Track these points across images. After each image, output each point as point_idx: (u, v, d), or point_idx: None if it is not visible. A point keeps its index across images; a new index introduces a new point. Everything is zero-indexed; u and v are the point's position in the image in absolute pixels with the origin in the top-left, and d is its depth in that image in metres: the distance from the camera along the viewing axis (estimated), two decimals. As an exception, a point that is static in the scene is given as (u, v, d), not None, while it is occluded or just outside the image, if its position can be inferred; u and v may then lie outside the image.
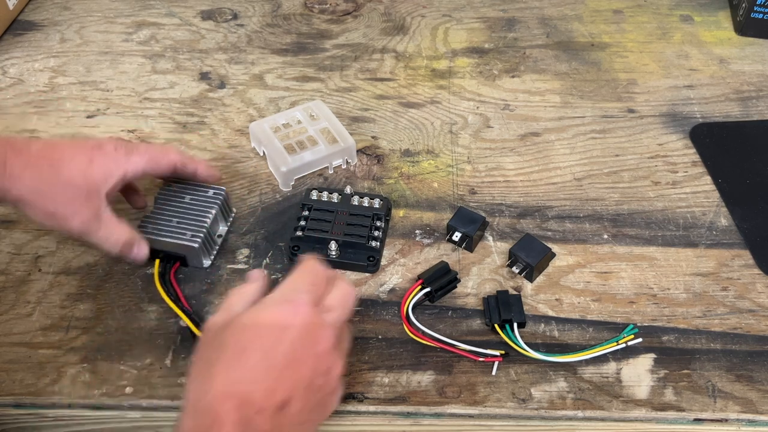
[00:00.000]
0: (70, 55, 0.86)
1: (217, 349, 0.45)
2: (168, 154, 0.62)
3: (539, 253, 0.62)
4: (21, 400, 0.56)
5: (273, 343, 0.45)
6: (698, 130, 0.77)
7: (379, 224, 0.65)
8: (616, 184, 0.72)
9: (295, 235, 0.64)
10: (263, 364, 0.44)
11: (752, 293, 0.62)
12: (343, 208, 0.66)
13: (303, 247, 0.64)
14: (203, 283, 0.63)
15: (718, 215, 0.69)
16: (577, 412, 0.55)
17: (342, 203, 0.66)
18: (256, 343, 0.45)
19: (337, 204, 0.66)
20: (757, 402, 0.55)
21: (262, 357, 0.45)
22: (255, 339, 0.45)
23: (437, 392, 0.56)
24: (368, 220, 0.65)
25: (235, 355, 0.45)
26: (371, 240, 0.64)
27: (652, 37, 0.90)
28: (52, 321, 0.60)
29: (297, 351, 0.45)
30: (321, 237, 0.63)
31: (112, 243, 0.59)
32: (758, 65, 0.85)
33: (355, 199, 0.66)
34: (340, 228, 0.64)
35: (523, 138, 0.76)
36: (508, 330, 0.58)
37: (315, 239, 0.64)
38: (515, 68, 0.85)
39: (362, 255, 0.64)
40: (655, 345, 0.59)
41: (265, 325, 0.46)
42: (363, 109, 0.80)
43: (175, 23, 0.91)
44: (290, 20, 0.92)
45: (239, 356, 0.44)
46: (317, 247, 0.63)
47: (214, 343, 0.46)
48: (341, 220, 0.65)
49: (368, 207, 0.66)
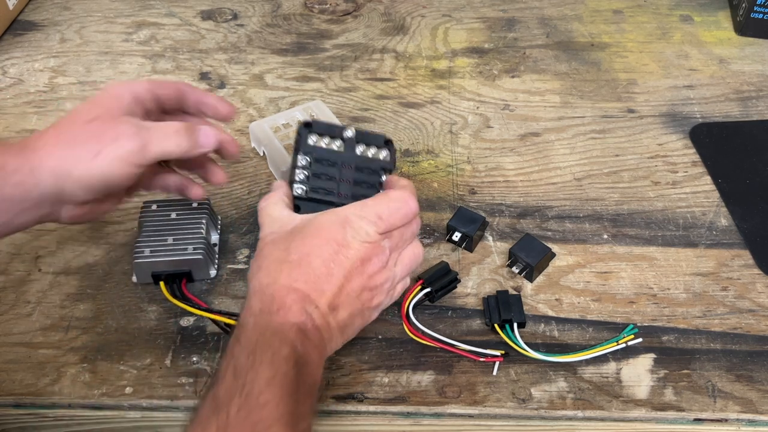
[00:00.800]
0: (70, 55, 0.86)
1: (284, 251, 0.51)
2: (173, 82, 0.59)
3: (539, 253, 0.62)
4: (21, 400, 0.56)
5: (332, 256, 0.51)
6: (698, 130, 0.77)
7: (386, 179, 0.59)
8: (616, 184, 0.72)
9: (296, 193, 0.57)
10: (322, 271, 0.50)
11: (752, 293, 0.62)
12: (348, 159, 0.58)
13: (304, 208, 0.57)
14: (203, 283, 0.63)
15: (718, 215, 0.69)
16: (577, 412, 0.55)
17: (346, 153, 0.58)
18: (317, 252, 0.50)
19: (340, 154, 0.58)
20: (757, 402, 0.55)
21: (322, 265, 0.50)
22: (317, 249, 0.51)
23: (437, 392, 0.56)
24: (376, 176, 0.58)
25: (298, 259, 0.50)
26: None
27: (652, 37, 0.90)
28: (52, 321, 0.60)
29: (351, 267, 0.51)
30: (327, 200, 0.57)
31: (171, 135, 0.53)
32: (758, 65, 0.85)
33: (360, 148, 0.58)
34: (347, 188, 0.58)
35: (523, 138, 0.76)
36: (508, 330, 0.58)
37: (319, 201, 0.57)
38: (515, 68, 0.85)
39: None
40: (655, 345, 0.59)
41: (327, 240, 0.51)
42: (363, 109, 0.80)
43: (175, 23, 0.91)
44: (290, 20, 0.92)
45: (301, 261, 0.50)
46: (322, 206, 0.56)
47: (280, 247, 0.52)
48: (347, 176, 0.58)
49: (375, 159, 0.58)
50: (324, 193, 0.58)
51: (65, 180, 0.50)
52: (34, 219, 0.53)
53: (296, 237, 0.52)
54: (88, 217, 0.56)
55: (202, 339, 0.59)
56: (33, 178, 0.50)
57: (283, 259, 0.51)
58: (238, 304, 0.61)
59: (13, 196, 0.50)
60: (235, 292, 0.62)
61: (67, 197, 0.52)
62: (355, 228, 0.51)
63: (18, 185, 0.50)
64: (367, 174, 0.58)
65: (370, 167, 0.58)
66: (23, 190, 0.50)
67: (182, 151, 0.54)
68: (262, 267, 0.51)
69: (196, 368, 0.57)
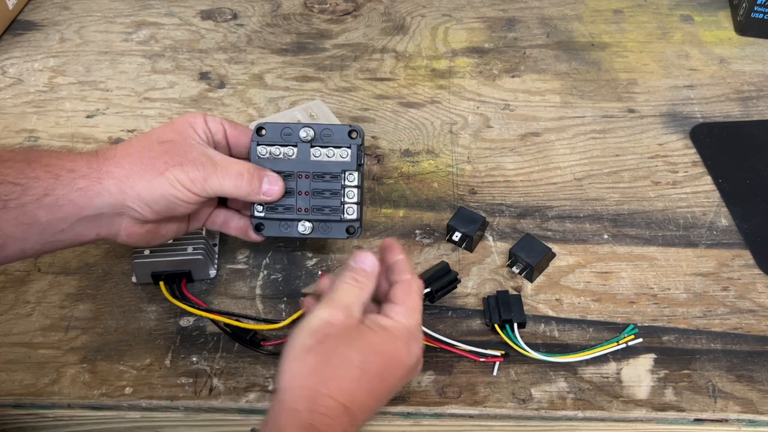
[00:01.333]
0: (70, 55, 0.86)
1: (340, 359, 0.47)
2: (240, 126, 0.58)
3: (539, 253, 0.62)
4: (21, 400, 0.55)
5: (383, 372, 0.47)
6: (698, 130, 0.77)
7: (351, 180, 0.56)
8: (617, 184, 0.72)
9: (255, 213, 0.56)
10: (372, 387, 0.47)
11: (752, 293, 0.62)
12: (303, 167, 0.56)
13: (268, 226, 0.56)
14: (203, 283, 0.63)
15: (718, 215, 0.69)
16: (577, 412, 0.55)
17: (300, 159, 0.56)
18: (374, 368, 0.47)
19: (294, 162, 0.56)
20: (758, 402, 0.55)
21: (377, 381, 0.47)
22: (375, 365, 0.47)
23: (437, 392, 0.56)
24: (337, 181, 0.56)
25: (358, 373, 0.46)
26: (346, 209, 0.56)
27: (653, 37, 0.90)
28: (52, 321, 0.60)
29: (396, 380, 0.49)
30: (285, 218, 0.56)
31: (233, 175, 0.53)
32: (758, 65, 0.85)
33: (317, 151, 0.56)
34: (305, 200, 0.56)
35: (523, 138, 0.76)
36: (508, 330, 0.58)
37: (279, 220, 0.56)
38: (515, 68, 0.85)
39: (340, 228, 0.57)
40: (655, 345, 0.59)
41: (388, 355, 0.48)
42: (363, 109, 0.80)
43: (175, 23, 0.91)
44: (290, 20, 0.92)
45: (361, 376, 0.46)
46: (284, 224, 0.56)
47: (337, 351, 0.47)
48: (304, 188, 0.56)
49: (334, 162, 0.56)
50: (283, 210, 0.56)
51: (127, 192, 0.51)
52: (92, 233, 0.52)
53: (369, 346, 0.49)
54: (147, 238, 0.55)
55: (202, 339, 0.59)
56: (98, 184, 0.51)
57: (334, 366, 0.47)
58: (237, 304, 0.61)
59: (76, 201, 0.50)
60: (235, 292, 0.62)
61: (127, 211, 0.52)
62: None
63: (83, 190, 0.50)
64: (327, 181, 0.56)
65: (331, 172, 0.56)
66: (87, 196, 0.50)
67: (241, 194, 0.54)
68: (304, 364, 0.47)
69: (195, 368, 0.57)
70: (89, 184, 0.50)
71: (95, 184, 0.50)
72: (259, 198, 0.55)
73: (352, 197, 0.57)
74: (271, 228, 0.57)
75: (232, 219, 0.59)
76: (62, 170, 0.50)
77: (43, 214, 0.50)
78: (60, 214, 0.50)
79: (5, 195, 0.49)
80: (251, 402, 0.55)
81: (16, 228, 0.49)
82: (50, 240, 0.51)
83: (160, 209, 0.52)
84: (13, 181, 0.49)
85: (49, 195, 0.50)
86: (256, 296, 0.62)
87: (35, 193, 0.49)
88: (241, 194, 0.54)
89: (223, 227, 0.60)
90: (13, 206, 0.49)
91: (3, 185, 0.49)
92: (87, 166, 0.51)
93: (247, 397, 0.55)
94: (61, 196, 0.50)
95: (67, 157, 0.51)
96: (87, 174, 0.51)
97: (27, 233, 0.50)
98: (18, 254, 0.51)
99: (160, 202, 0.51)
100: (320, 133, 0.56)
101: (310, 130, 0.56)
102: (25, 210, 0.49)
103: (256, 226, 0.57)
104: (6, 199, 0.49)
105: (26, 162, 0.50)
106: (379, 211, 0.69)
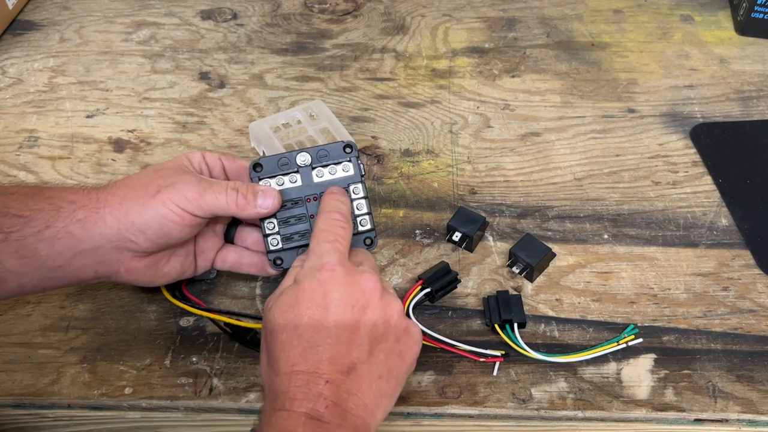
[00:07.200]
0: (70, 55, 0.86)
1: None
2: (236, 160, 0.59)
3: (539, 253, 0.62)
4: (21, 400, 0.55)
5: (321, 316, 0.48)
6: (698, 130, 0.77)
7: (357, 192, 0.57)
8: (617, 184, 0.72)
9: (270, 248, 0.56)
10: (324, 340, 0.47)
11: (753, 293, 0.62)
12: (310, 191, 0.56)
13: (286, 258, 0.57)
14: (203, 283, 0.63)
15: (718, 215, 0.69)
16: (578, 412, 0.55)
17: (305, 185, 0.56)
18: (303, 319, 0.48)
19: (300, 188, 0.56)
20: (758, 402, 0.55)
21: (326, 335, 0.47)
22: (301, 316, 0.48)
23: (437, 392, 0.56)
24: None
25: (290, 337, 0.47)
26: (360, 222, 0.57)
27: (653, 36, 0.90)
28: (52, 321, 0.60)
29: (345, 315, 0.48)
30: (301, 245, 0.56)
31: (228, 191, 0.53)
32: (759, 65, 0.85)
33: (318, 173, 0.57)
34: None
35: (523, 138, 0.76)
36: (508, 330, 0.58)
37: (298, 248, 0.57)
38: (515, 68, 0.85)
39: (357, 240, 0.57)
40: (655, 345, 0.59)
41: (304, 301, 0.48)
42: (363, 108, 0.80)
43: (175, 23, 0.91)
44: (290, 20, 0.92)
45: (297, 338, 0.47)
46: (302, 250, 0.56)
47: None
48: (315, 209, 0.56)
49: (338, 178, 0.57)
50: (298, 238, 0.56)
51: (121, 220, 0.51)
52: (91, 269, 0.52)
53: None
54: (148, 275, 0.55)
55: (202, 339, 0.59)
56: (95, 214, 0.51)
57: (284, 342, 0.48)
58: (238, 304, 0.61)
59: (74, 234, 0.50)
60: (235, 292, 0.62)
61: (124, 243, 0.52)
62: None
63: (81, 222, 0.51)
64: None
65: None
66: (84, 227, 0.51)
67: (237, 209, 0.53)
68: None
69: (195, 368, 0.57)
70: (87, 215, 0.51)
71: (93, 215, 0.51)
72: (256, 211, 0.54)
73: (362, 209, 0.57)
74: (290, 259, 0.57)
75: (243, 256, 0.59)
76: (64, 202, 0.51)
77: (42, 248, 0.50)
78: (59, 247, 0.50)
79: (8, 227, 0.49)
80: (251, 402, 0.55)
81: (16, 261, 0.49)
82: (48, 276, 0.51)
83: (153, 235, 0.52)
84: (16, 214, 0.49)
85: (49, 227, 0.50)
86: (256, 296, 0.62)
87: (36, 225, 0.50)
88: (237, 209, 0.53)
89: (236, 266, 0.59)
90: (14, 239, 0.49)
91: (7, 217, 0.49)
92: (87, 197, 0.52)
93: (247, 397, 0.55)
94: (61, 228, 0.50)
95: (70, 190, 0.52)
96: (86, 205, 0.51)
97: (26, 267, 0.50)
98: (16, 289, 0.51)
99: (152, 226, 0.51)
100: (317, 155, 0.57)
101: (306, 155, 0.57)
102: (26, 243, 0.49)
103: (274, 261, 0.57)
104: (8, 231, 0.49)
105: (30, 195, 0.51)
106: (379, 211, 0.69)
